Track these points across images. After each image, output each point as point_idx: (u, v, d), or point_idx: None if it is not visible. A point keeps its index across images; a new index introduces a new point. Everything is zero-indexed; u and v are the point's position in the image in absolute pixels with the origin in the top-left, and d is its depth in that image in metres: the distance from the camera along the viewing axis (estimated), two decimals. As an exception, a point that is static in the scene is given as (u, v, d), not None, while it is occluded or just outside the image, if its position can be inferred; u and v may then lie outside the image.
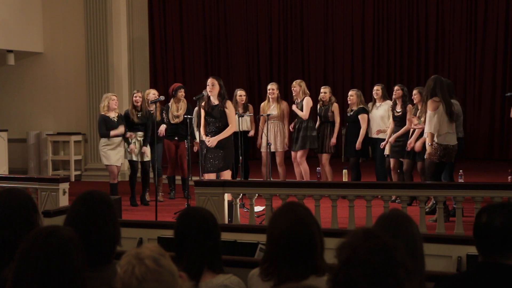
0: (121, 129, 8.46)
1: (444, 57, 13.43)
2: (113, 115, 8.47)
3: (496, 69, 12.80)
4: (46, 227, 2.21)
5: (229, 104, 7.28)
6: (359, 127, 8.73)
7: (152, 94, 8.87)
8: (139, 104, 8.65)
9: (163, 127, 8.88)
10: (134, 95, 8.70)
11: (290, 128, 9.11)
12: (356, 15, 13.91)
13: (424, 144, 7.39)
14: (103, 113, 8.45)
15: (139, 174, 8.95)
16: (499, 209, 2.43)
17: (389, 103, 8.71)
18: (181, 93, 9.09)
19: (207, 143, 7.17)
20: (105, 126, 8.39)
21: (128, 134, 8.53)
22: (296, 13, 14.26)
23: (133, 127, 8.60)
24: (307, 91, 9.09)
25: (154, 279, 1.86)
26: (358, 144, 8.67)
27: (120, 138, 8.53)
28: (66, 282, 2.03)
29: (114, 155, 8.46)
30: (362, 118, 8.74)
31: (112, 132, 8.40)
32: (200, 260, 2.68)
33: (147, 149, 8.65)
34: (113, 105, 8.45)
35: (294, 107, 8.90)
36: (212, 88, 7.19)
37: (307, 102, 8.85)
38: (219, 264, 2.75)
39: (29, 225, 2.60)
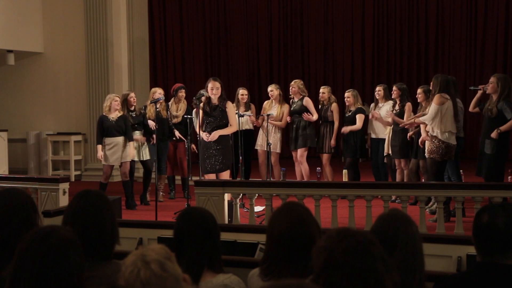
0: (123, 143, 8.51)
1: (444, 57, 13.43)
2: (113, 116, 8.46)
3: (496, 69, 12.78)
4: (44, 227, 2.21)
5: (229, 104, 7.25)
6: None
7: (158, 93, 8.85)
8: (135, 104, 8.67)
9: (152, 123, 8.76)
10: (130, 95, 8.70)
11: (287, 120, 9.07)
12: (356, 15, 13.92)
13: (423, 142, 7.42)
14: (104, 113, 8.48)
15: (138, 174, 8.93)
16: (500, 209, 2.41)
17: (391, 103, 8.71)
18: (182, 93, 9.09)
19: (206, 138, 7.11)
20: (102, 128, 8.39)
21: (139, 138, 8.59)
22: (296, 13, 14.27)
23: (131, 127, 8.61)
24: (306, 91, 9.09)
25: (159, 285, 1.87)
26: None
27: (121, 139, 8.47)
28: (64, 282, 2.03)
29: (111, 155, 8.44)
30: (359, 117, 8.74)
31: (99, 147, 8.41)
32: (200, 260, 2.68)
33: (148, 147, 8.64)
34: (115, 106, 8.45)
35: (305, 116, 8.85)
36: (217, 92, 7.15)
37: (308, 103, 8.86)
38: (219, 264, 2.76)
39: (28, 225, 2.61)
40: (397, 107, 8.43)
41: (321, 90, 9.15)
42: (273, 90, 9.09)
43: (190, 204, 7.53)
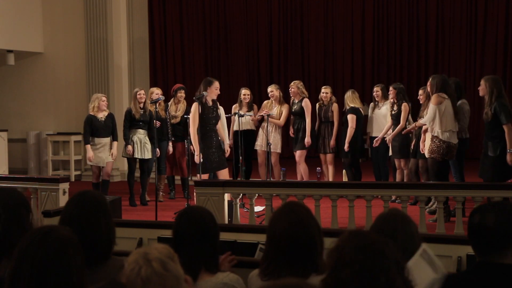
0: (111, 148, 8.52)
1: (444, 57, 13.43)
2: (101, 115, 8.46)
3: (496, 69, 12.79)
4: (44, 226, 2.20)
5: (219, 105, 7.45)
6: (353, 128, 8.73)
7: (156, 94, 8.84)
8: (143, 101, 8.64)
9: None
10: (138, 92, 8.68)
11: (290, 133, 9.12)
12: (356, 15, 13.91)
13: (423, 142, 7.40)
14: (92, 113, 8.45)
15: (137, 174, 8.92)
16: (490, 208, 2.44)
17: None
18: (181, 94, 9.09)
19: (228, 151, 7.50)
20: (91, 128, 8.38)
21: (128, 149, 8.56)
22: (296, 13, 14.26)
23: (134, 124, 8.59)
24: (305, 92, 9.07)
25: (159, 283, 1.87)
26: (346, 145, 8.67)
27: (108, 140, 8.49)
28: (63, 281, 2.03)
29: (97, 156, 8.43)
30: (349, 118, 8.71)
31: (88, 147, 8.38)
32: (197, 260, 2.67)
33: (153, 148, 8.64)
34: (102, 106, 8.46)
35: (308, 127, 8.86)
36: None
37: (307, 105, 8.83)
38: (216, 265, 2.76)
39: (20, 224, 2.56)
40: (395, 108, 8.41)
41: (323, 90, 9.11)
42: (273, 90, 9.08)
43: (190, 204, 7.53)
